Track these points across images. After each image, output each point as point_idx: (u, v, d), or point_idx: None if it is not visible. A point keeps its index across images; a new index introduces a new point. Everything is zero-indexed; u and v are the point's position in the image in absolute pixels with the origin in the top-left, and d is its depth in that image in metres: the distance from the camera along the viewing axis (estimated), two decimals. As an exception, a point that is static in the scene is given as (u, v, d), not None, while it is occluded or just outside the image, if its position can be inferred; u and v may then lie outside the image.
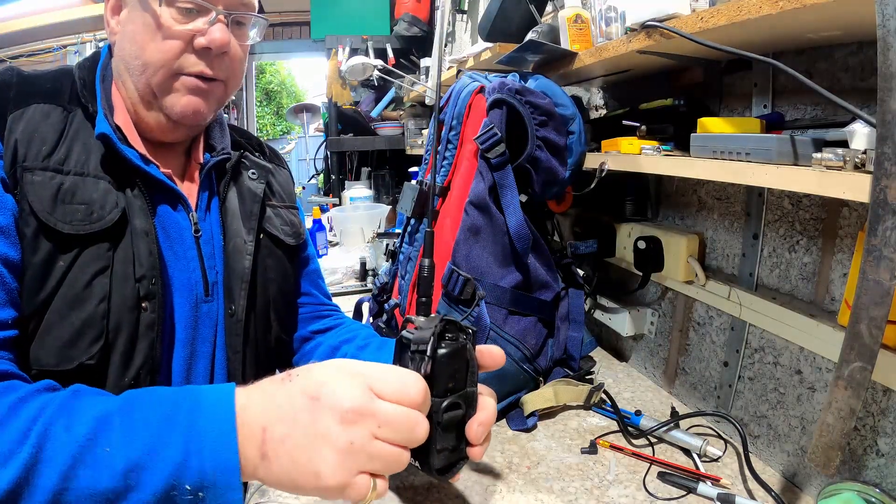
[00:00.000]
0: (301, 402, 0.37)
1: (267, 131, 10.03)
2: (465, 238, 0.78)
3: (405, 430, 0.38)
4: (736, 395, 0.78)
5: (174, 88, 0.60)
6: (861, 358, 0.44)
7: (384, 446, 0.37)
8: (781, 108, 0.69)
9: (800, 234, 0.68)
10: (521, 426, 0.80)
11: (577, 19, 0.88)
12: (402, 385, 0.39)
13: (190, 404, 0.39)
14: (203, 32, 0.59)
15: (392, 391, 0.38)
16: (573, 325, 0.89)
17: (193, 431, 0.37)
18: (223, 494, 0.37)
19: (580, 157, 0.85)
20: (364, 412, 0.37)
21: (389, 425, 0.37)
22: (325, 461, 0.36)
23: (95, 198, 0.54)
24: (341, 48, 2.41)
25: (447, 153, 0.83)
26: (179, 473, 0.36)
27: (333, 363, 0.40)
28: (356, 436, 0.36)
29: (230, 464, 0.37)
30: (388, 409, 0.37)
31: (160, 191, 0.61)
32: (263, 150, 0.79)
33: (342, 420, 0.36)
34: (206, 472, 0.36)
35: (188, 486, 0.36)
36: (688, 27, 0.60)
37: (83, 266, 0.53)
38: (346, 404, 0.37)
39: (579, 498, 0.65)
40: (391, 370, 0.40)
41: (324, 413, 0.37)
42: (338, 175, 2.49)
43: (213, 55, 0.60)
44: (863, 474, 0.59)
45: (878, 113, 0.41)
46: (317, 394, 0.37)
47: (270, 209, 0.74)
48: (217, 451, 0.37)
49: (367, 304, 1.02)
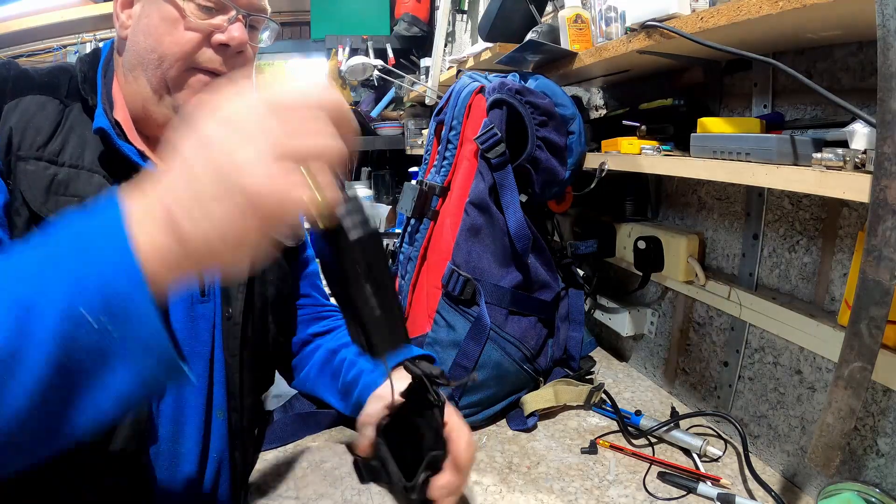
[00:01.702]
0: (195, 153, 0.30)
1: (267, 131, 10.03)
2: (465, 238, 0.78)
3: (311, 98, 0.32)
4: (736, 395, 0.78)
5: (187, 84, 0.60)
6: (861, 358, 0.44)
7: (299, 135, 0.31)
8: (781, 108, 0.69)
9: (800, 234, 0.68)
10: (521, 426, 0.80)
11: (577, 19, 0.88)
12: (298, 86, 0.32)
13: (75, 226, 0.30)
14: (223, 29, 0.59)
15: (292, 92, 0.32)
16: (573, 325, 0.89)
17: (81, 251, 0.29)
18: (134, 316, 0.29)
19: (580, 157, 0.85)
20: (259, 114, 0.30)
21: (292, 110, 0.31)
22: (248, 186, 0.29)
23: (89, 191, 0.54)
24: (341, 48, 2.41)
25: (447, 153, 0.83)
26: (76, 303, 0.28)
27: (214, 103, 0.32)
28: (272, 131, 0.30)
29: (132, 274, 0.28)
30: (282, 95, 0.31)
31: None
32: None
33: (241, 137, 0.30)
34: (106, 292, 0.28)
35: (91, 318, 0.28)
36: (688, 27, 0.60)
37: None
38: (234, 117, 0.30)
39: (579, 498, 0.65)
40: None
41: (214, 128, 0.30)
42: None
43: (230, 53, 0.61)
44: (863, 474, 0.59)
45: (878, 113, 0.41)
46: (202, 130, 0.31)
47: None
48: (116, 260, 0.29)
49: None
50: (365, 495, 0.66)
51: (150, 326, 0.29)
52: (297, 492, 0.66)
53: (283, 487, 0.67)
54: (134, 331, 0.29)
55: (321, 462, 0.72)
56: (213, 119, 0.31)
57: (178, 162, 0.31)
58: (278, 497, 0.65)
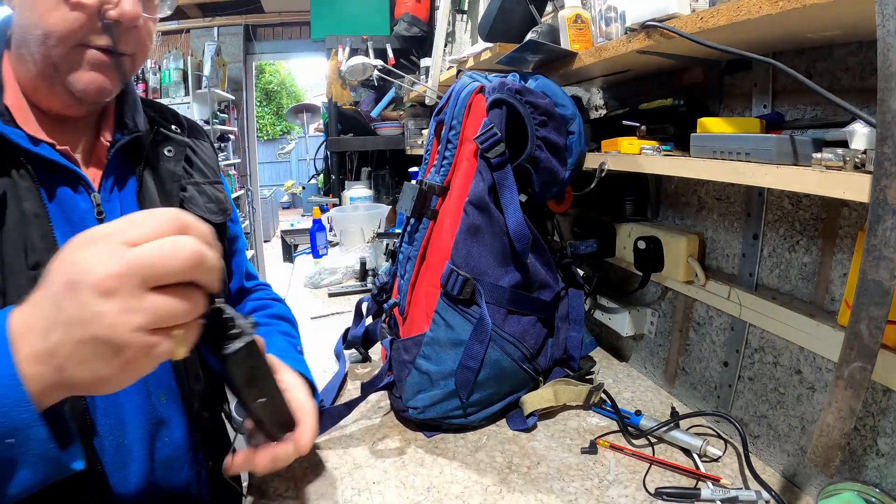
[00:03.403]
0: (63, 294, 0.33)
1: (267, 131, 10.04)
2: (465, 238, 0.78)
3: (168, 262, 0.34)
4: (736, 395, 0.78)
5: (77, 63, 0.56)
6: (861, 358, 0.44)
7: (159, 298, 0.34)
8: (781, 108, 0.69)
9: (800, 234, 0.68)
10: (521, 426, 0.80)
11: (577, 19, 0.88)
12: (151, 218, 0.35)
13: None
14: (113, 4, 0.55)
15: (144, 231, 0.34)
16: (573, 325, 0.89)
17: None
18: (27, 433, 0.34)
19: (580, 157, 0.85)
20: (120, 273, 0.33)
21: (151, 269, 0.33)
22: (109, 341, 0.33)
23: None
24: (341, 48, 2.41)
25: (447, 153, 0.83)
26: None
27: (80, 235, 0.35)
28: (125, 301, 0.33)
29: (18, 397, 0.33)
30: (142, 251, 0.33)
31: (55, 171, 0.57)
32: (181, 124, 0.74)
33: (103, 293, 0.32)
34: (3, 412, 0.33)
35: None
36: (688, 27, 0.60)
37: None
38: (100, 273, 0.32)
39: (579, 498, 0.65)
40: (141, 213, 0.36)
41: (83, 294, 0.33)
42: (338, 175, 2.49)
43: (123, 29, 0.56)
44: (863, 474, 0.59)
45: (878, 113, 0.41)
46: (72, 278, 0.33)
47: (193, 187, 0.70)
48: (3, 386, 0.33)
49: (366, 304, 1.02)
50: (365, 495, 0.66)
51: (41, 442, 0.35)
52: (297, 492, 0.66)
53: (283, 487, 0.67)
54: (30, 446, 0.35)
55: (321, 462, 0.72)
56: (78, 281, 0.33)
57: (50, 305, 0.34)
58: (278, 497, 0.65)
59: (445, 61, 1.77)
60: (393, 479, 0.69)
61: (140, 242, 0.34)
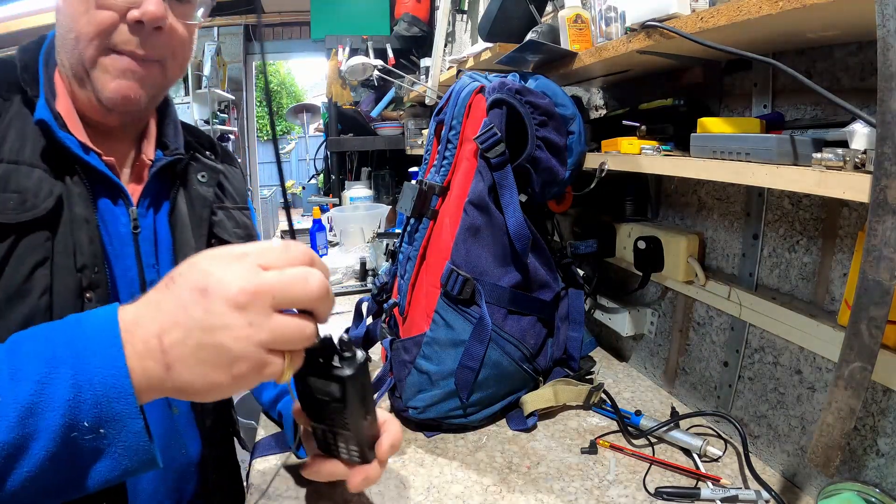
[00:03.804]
0: (191, 299, 0.35)
1: (267, 131, 10.05)
2: (465, 238, 0.78)
3: (299, 289, 0.36)
4: (736, 395, 0.78)
5: (104, 68, 0.56)
6: (861, 358, 0.44)
7: (283, 319, 0.35)
8: (781, 108, 0.69)
9: (800, 234, 0.68)
10: (521, 426, 0.80)
11: (577, 19, 0.87)
12: (285, 249, 0.37)
13: (73, 334, 0.36)
14: (137, 5, 0.55)
15: (276, 258, 0.36)
16: (573, 324, 0.89)
17: (80, 362, 0.34)
18: (124, 424, 0.35)
19: (580, 157, 0.85)
20: (255, 290, 0.34)
21: (283, 293, 0.35)
22: (229, 351, 0.34)
23: (29, 186, 0.53)
24: (341, 48, 2.41)
25: (447, 153, 0.83)
26: (75, 410, 0.33)
27: (213, 251, 0.37)
28: (253, 316, 0.34)
29: (123, 388, 0.34)
30: (276, 277, 0.35)
31: (100, 181, 0.59)
32: (215, 150, 0.77)
33: (234, 305, 0.34)
34: (101, 402, 0.34)
35: (86, 424, 0.34)
36: (688, 27, 0.60)
37: (21, 257, 0.51)
38: (235, 287, 0.34)
39: (579, 498, 0.65)
40: (276, 242, 0.38)
41: (215, 303, 0.34)
42: (338, 175, 2.49)
43: (148, 31, 0.56)
44: (863, 474, 0.59)
45: (878, 113, 0.41)
46: (204, 285, 0.35)
47: (222, 212, 0.72)
48: (107, 377, 0.34)
49: (366, 305, 1.02)
50: (365, 496, 0.66)
51: (136, 434, 0.35)
52: (297, 492, 0.66)
53: (283, 487, 0.67)
54: (122, 437, 0.35)
55: (321, 462, 0.72)
56: (210, 290, 0.35)
57: (176, 307, 0.35)
58: (278, 497, 0.65)
59: (445, 61, 1.77)
60: (393, 479, 0.69)
61: (273, 267, 0.36)
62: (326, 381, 0.45)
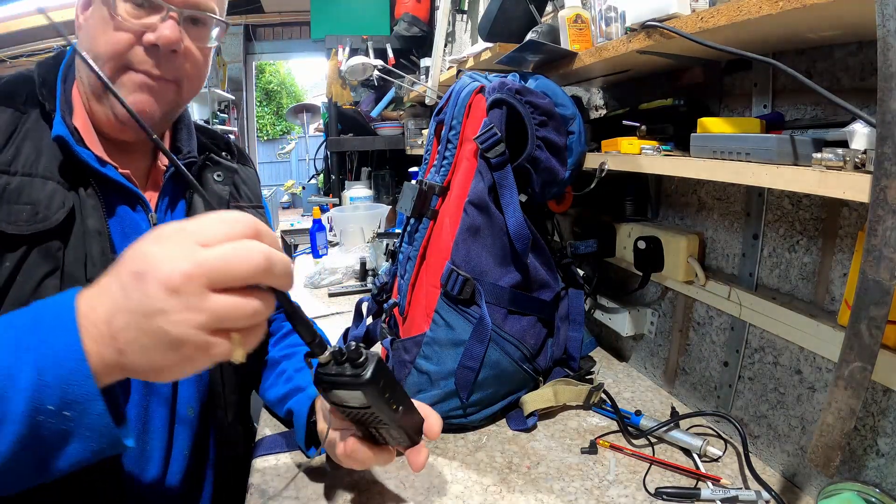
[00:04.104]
0: (130, 283, 0.35)
1: (267, 131, 10.04)
2: (465, 238, 0.78)
3: (237, 266, 0.34)
4: (736, 395, 0.78)
5: (121, 84, 0.59)
6: (861, 358, 0.44)
7: (222, 297, 0.34)
8: (781, 108, 0.69)
9: (800, 234, 0.68)
10: (521, 426, 0.80)
11: (577, 19, 0.87)
12: (226, 221, 0.36)
13: (36, 320, 0.37)
14: (153, 28, 0.58)
15: (216, 233, 0.35)
16: (573, 325, 0.89)
17: (42, 347, 0.35)
18: (86, 406, 0.36)
19: (580, 157, 0.85)
20: (189, 272, 0.34)
21: (219, 271, 0.34)
22: (169, 335, 0.34)
23: (41, 198, 0.54)
24: (341, 48, 2.41)
25: (447, 153, 0.83)
26: (39, 394, 0.34)
27: (158, 230, 0.37)
28: (188, 299, 0.34)
29: (81, 371, 0.35)
30: (213, 253, 0.34)
31: (118, 191, 0.61)
32: (231, 151, 0.79)
33: (169, 289, 0.33)
34: (64, 386, 0.35)
35: (51, 407, 0.35)
36: (688, 27, 0.60)
37: (32, 267, 0.53)
38: (168, 270, 0.34)
39: (579, 498, 0.65)
40: (217, 214, 0.37)
41: (151, 287, 0.34)
42: (338, 175, 2.49)
43: (163, 53, 0.59)
44: (863, 474, 0.59)
45: (878, 113, 0.41)
46: (142, 269, 0.35)
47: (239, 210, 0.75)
48: (67, 360, 0.35)
49: (366, 305, 1.02)
50: (365, 495, 0.66)
51: (99, 416, 0.36)
52: (297, 492, 0.66)
53: (283, 487, 0.67)
54: (87, 420, 0.36)
55: (321, 462, 0.72)
56: (146, 273, 0.35)
57: (118, 291, 0.36)
58: (278, 497, 0.65)
59: (445, 61, 1.77)
60: (393, 479, 0.69)
61: (212, 244, 0.35)
62: (347, 390, 0.46)
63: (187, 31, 0.61)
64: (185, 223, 0.36)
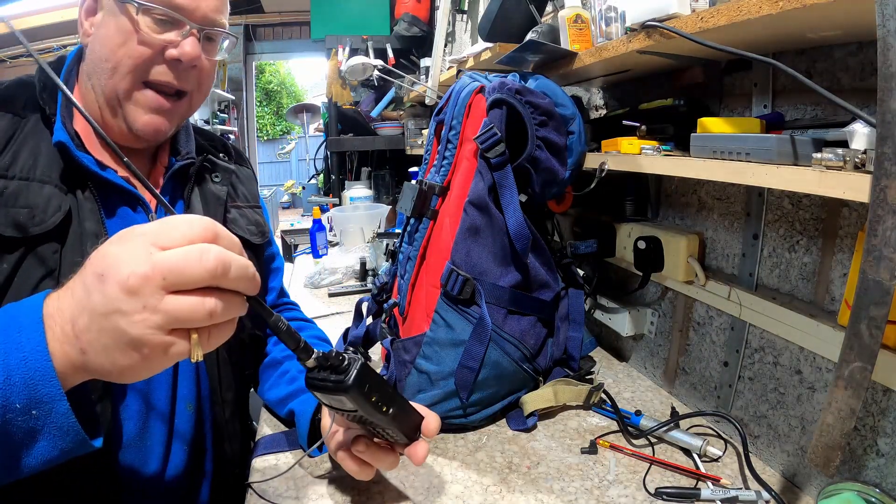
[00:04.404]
0: (92, 284, 0.36)
1: (267, 131, 10.04)
2: (465, 238, 0.78)
3: (192, 269, 0.35)
4: (736, 395, 0.78)
5: (137, 101, 0.61)
6: (861, 358, 0.44)
7: (178, 299, 0.35)
8: (781, 108, 0.69)
9: (800, 234, 0.68)
10: (521, 426, 0.80)
11: (577, 19, 0.87)
12: (184, 225, 0.37)
13: (7, 320, 0.38)
14: (175, 44, 0.60)
15: (175, 236, 0.36)
16: (573, 324, 0.89)
17: (10, 347, 0.36)
18: (51, 406, 0.37)
19: (580, 157, 0.85)
20: (145, 274, 0.34)
21: (174, 273, 0.35)
22: (128, 335, 0.35)
23: (39, 201, 0.55)
24: (341, 48, 2.41)
25: (447, 153, 0.83)
26: (7, 392, 0.35)
27: (120, 233, 0.38)
28: (146, 299, 0.34)
29: (46, 371, 0.36)
30: (168, 256, 0.35)
31: (118, 193, 0.62)
32: (229, 152, 0.81)
33: (127, 290, 0.34)
34: (30, 385, 0.36)
35: (18, 405, 0.36)
36: (688, 27, 0.60)
37: (29, 269, 0.53)
38: (125, 271, 0.35)
39: (579, 498, 0.65)
40: (177, 218, 0.38)
41: (110, 288, 0.35)
42: (338, 175, 2.49)
43: (182, 68, 0.61)
44: (863, 474, 0.59)
45: (878, 113, 0.41)
46: (102, 270, 0.36)
47: (235, 210, 0.76)
48: (33, 360, 0.36)
49: (366, 305, 1.02)
50: (365, 495, 0.66)
51: (63, 415, 0.37)
52: (297, 492, 0.66)
53: (283, 487, 0.67)
54: (53, 419, 0.37)
55: (321, 462, 0.72)
56: (106, 275, 0.35)
57: (82, 292, 0.37)
58: (278, 497, 0.65)
59: (445, 61, 1.77)
60: (393, 479, 0.69)
61: (170, 246, 0.36)
62: (333, 395, 0.47)
63: (202, 45, 0.63)
64: (147, 226, 0.37)
